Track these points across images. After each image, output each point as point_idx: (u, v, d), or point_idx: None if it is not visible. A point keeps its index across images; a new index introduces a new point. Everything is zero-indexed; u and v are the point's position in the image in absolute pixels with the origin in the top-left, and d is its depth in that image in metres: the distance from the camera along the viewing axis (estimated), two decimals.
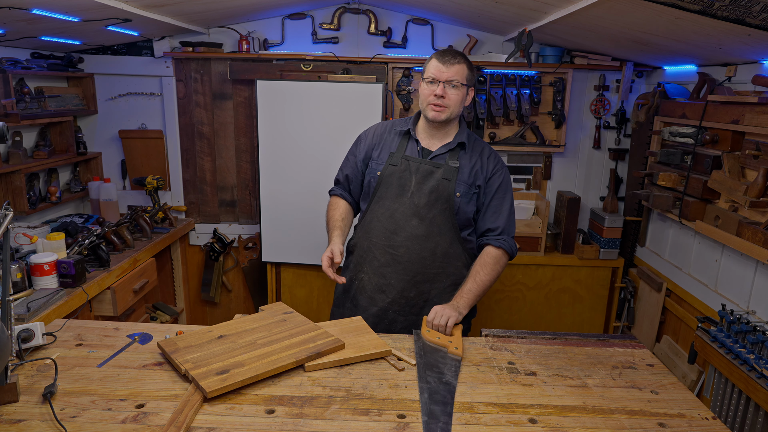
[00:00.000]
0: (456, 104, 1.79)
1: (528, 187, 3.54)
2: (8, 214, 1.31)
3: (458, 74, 1.76)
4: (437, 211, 1.83)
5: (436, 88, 1.76)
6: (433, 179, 1.83)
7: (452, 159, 1.85)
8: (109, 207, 3.19)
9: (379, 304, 1.89)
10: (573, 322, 3.39)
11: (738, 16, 1.63)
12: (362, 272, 1.94)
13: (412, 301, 1.89)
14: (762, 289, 2.19)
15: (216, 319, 3.72)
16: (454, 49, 1.84)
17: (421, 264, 1.85)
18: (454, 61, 1.76)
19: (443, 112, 1.79)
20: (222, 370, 1.33)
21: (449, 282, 1.89)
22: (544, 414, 1.28)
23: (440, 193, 1.82)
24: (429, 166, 1.84)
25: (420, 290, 1.88)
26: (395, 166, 1.86)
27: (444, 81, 1.75)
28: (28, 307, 1.90)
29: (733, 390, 2.04)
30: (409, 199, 1.83)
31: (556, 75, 3.27)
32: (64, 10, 2.17)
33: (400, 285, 1.87)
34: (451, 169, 1.83)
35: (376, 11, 3.27)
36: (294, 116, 3.07)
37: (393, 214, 1.85)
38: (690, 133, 2.57)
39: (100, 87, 3.33)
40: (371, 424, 1.21)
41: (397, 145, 1.89)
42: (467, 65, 1.79)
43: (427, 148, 1.88)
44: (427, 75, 1.79)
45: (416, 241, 1.83)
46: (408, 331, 1.85)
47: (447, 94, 1.76)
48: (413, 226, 1.83)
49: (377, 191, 1.89)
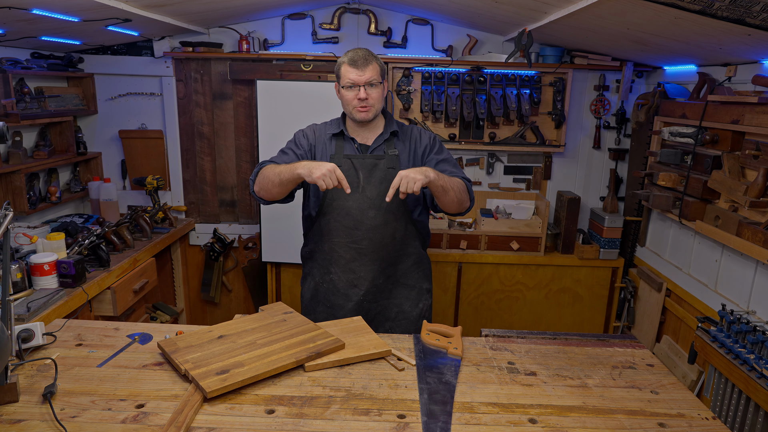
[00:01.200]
0: (378, 101, 1.89)
1: (528, 187, 3.55)
2: (8, 214, 1.31)
3: (374, 74, 1.85)
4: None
5: (359, 92, 1.84)
6: (378, 171, 1.93)
7: (390, 148, 1.96)
8: (109, 207, 3.19)
9: (354, 298, 1.98)
10: (573, 322, 3.39)
11: (738, 16, 1.63)
12: (330, 273, 2.00)
13: (382, 287, 2.00)
14: (762, 289, 2.19)
15: (216, 319, 3.72)
16: (362, 51, 1.88)
17: (384, 251, 1.96)
18: (367, 63, 1.84)
19: (370, 111, 1.88)
20: (222, 370, 1.33)
21: (411, 261, 2.03)
22: (544, 414, 1.28)
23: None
24: (371, 160, 1.93)
25: (387, 275, 2.00)
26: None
27: (363, 84, 1.84)
28: (28, 307, 1.90)
29: (733, 390, 2.04)
30: (361, 194, 1.92)
31: (556, 75, 3.27)
32: (64, 10, 2.18)
33: (370, 275, 1.97)
34: (392, 158, 1.94)
35: (376, 11, 3.27)
36: (294, 116, 3.06)
37: (349, 212, 1.93)
38: (690, 133, 2.57)
39: (100, 87, 3.33)
40: (371, 424, 1.21)
41: (335, 146, 1.97)
42: (378, 62, 1.88)
43: (364, 143, 1.97)
44: (344, 82, 1.86)
45: (376, 231, 1.93)
46: (383, 315, 2.02)
47: (369, 95, 1.86)
48: (370, 217, 1.92)
49: (327, 194, 1.94)
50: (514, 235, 3.26)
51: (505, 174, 3.53)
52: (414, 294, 2.05)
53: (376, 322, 2.01)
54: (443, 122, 3.39)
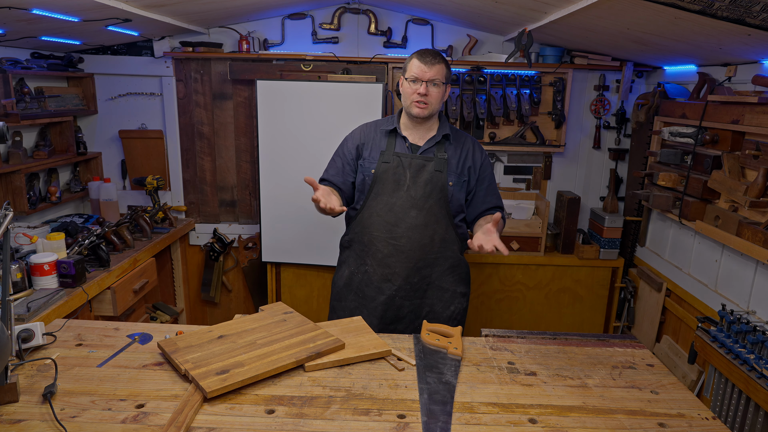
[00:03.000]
0: (437, 101, 1.92)
1: (528, 187, 3.54)
2: (8, 214, 1.31)
3: (439, 73, 1.89)
4: (433, 201, 1.96)
5: (419, 87, 1.88)
6: (426, 172, 1.96)
7: (440, 151, 1.99)
8: (109, 207, 3.19)
9: (387, 292, 2.01)
10: (573, 322, 3.39)
11: (738, 16, 1.63)
12: (366, 265, 2.04)
13: (416, 286, 2.02)
14: (762, 289, 2.19)
15: (216, 319, 3.72)
16: (433, 50, 1.94)
17: (421, 251, 1.98)
18: (435, 62, 1.88)
19: (426, 109, 1.91)
20: (222, 370, 1.33)
21: (447, 265, 2.04)
22: (544, 414, 1.28)
23: (435, 184, 1.95)
24: (420, 160, 1.97)
25: (422, 275, 2.01)
26: (388, 163, 1.98)
27: (426, 80, 1.88)
28: (28, 307, 1.90)
29: (733, 390, 2.04)
30: (405, 192, 1.96)
31: (556, 75, 3.27)
32: (64, 10, 2.17)
33: (405, 272, 1.99)
34: (441, 161, 1.97)
35: (376, 11, 3.27)
36: (294, 116, 3.07)
37: (392, 208, 1.96)
38: (690, 133, 2.57)
39: (100, 87, 3.33)
40: (371, 424, 1.21)
41: (386, 143, 2.01)
42: (445, 64, 1.92)
43: (415, 143, 2.00)
44: (409, 74, 1.91)
45: (416, 230, 1.96)
46: (415, 314, 2.04)
47: (429, 92, 1.89)
48: (412, 216, 1.95)
49: (373, 188, 1.99)
50: (514, 235, 3.26)
51: (505, 174, 3.53)
52: (447, 296, 2.06)
53: (407, 319, 2.04)
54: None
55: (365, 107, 2.98)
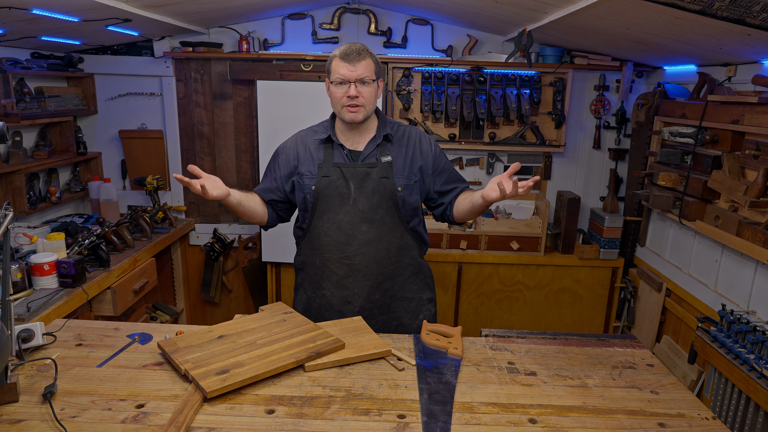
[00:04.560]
0: (371, 101, 1.74)
1: None
2: (8, 214, 1.31)
3: (367, 70, 1.70)
4: (384, 211, 1.79)
5: (348, 89, 1.69)
6: (370, 180, 1.78)
7: (383, 154, 1.80)
8: (109, 207, 3.19)
9: (348, 315, 1.84)
10: (573, 322, 3.39)
11: (738, 16, 1.63)
12: (322, 289, 1.88)
13: (379, 302, 1.87)
14: (762, 289, 2.18)
15: (216, 319, 3.72)
16: (357, 45, 1.73)
17: (379, 266, 1.82)
18: (360, 58, 1.69)
19: (360, 112, 1.72)
20: (222, 370, 1.33)
21: (408, 273, 1.89)
22: (544, 414, 1.28)
23: (382, 193, 1.78)
24: (363, 168, 1.78)
25: (383, 289, 1.86)
26: (328, 177, 1.78)
27: (354, 80, 1.69)
28: (28, 307, 1.90)
29: (733, 390, 2.04)
30: (352, 206, 1.78)
31: (556, 75, 3.27)
32: (64, 10, 2.17)
33: (364, 292, 1.83)
34: (385, 166, 1.79)
35: (376, 11, 3.27)
36: (294, 116, 3.06)
37: (340, 226, 1.79)
38: (690, 133, 2.57)
39: (100, 87, 3.33)
40: (371, 424, 1.21)
41: (323, 154, 1.81)
42: (372, 58, 1.73)
43: (354, 149, 1.82)
44: (334, 77, 1.71)
45: (370, 245, 1.79)
46: (383, 330, 1.85)
47: (360, 93, 1.70)
48: (363, 231, 1.79)
49: (317, 206, 1.81)
50: (514, 235, 3.26)
51: None
52: (413, 306, 1.92)
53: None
54: (443, 122, 3.39)
55: None
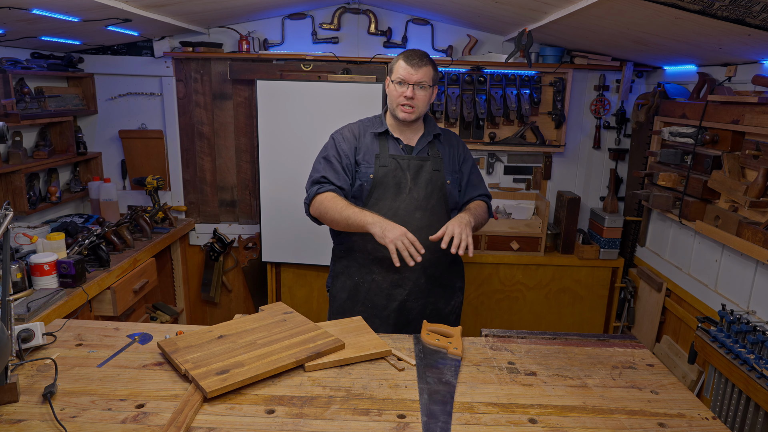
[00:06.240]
0: (424, 104, 1.90)
1: (528, 187, 3.54)
2: (8, 214, 1.31)
3: (426, 76, 1.85)
4: (435, 201, 1.95)
5: (406, 90, 1.85)
6: (425, 172, 1.94)
7: (433, 150, 1.98)
8: (109, 207, 3.19)
9: (398, 298, 1.97)
10: (573, 322, 3.39)
11: (738, 16, 1.63)
12: (373, 273, 1.98)
13: (423, 287, 1.99)
14: (762, 289, 2.18)
15: (216, 319, 3.72)
16: (420, 51, 1.89)
17: (428, 252, 1.91)
18: (422, 64, 1.84)
19: (413, 113, 1.88)
20: (222, 370, 1.33)
21: (449, 260, 2.02)
22: (544, 414, 1.28)
23: (435, 184, 1.94)
24: (418, 161, 1.94)
25: (428, 275, 1.98)
26: (386, 167, 1.93)
27: (413, 83, 1.84)
28: (28, 307, 1.90)
29: (733, 390, 2.04)
30: (408, 195, 1.92)
31: (556, 75, 3.27)
32: (64, 10, 2.17)
33: (414, 276, 1.96)
34: (437, 160, 1.96)
35: (376, 11, 3.27)
36: (294, 116, 3.07)
37: (396, 212, 1.91)
38: (690, 133, 2.57)
39: (100, 87, 3.33)
40: (371, 424, 1.21)
41: (378, 145, 1.95)
42: (432, 66, 1.89)
43: (409, 144, 1.98)
44: (395, 77, 1.87)
45: (421, 232, 1.89)
46: (421, 314, 1.99)
47: (416, 95, 1.86)
48: (417, 219, 1.92)
49: (372, 193, 1.93)
50: (514, 235, 3.26)
51: (505, 174, 3.53)
52: (448, 293, 2.06)
53: (416, 322, 1.98)
54: (443, 122, 3.39)
55: (365, 107, 2.97)
